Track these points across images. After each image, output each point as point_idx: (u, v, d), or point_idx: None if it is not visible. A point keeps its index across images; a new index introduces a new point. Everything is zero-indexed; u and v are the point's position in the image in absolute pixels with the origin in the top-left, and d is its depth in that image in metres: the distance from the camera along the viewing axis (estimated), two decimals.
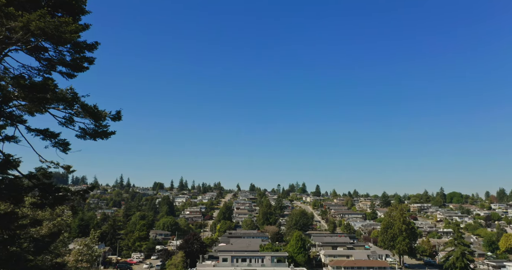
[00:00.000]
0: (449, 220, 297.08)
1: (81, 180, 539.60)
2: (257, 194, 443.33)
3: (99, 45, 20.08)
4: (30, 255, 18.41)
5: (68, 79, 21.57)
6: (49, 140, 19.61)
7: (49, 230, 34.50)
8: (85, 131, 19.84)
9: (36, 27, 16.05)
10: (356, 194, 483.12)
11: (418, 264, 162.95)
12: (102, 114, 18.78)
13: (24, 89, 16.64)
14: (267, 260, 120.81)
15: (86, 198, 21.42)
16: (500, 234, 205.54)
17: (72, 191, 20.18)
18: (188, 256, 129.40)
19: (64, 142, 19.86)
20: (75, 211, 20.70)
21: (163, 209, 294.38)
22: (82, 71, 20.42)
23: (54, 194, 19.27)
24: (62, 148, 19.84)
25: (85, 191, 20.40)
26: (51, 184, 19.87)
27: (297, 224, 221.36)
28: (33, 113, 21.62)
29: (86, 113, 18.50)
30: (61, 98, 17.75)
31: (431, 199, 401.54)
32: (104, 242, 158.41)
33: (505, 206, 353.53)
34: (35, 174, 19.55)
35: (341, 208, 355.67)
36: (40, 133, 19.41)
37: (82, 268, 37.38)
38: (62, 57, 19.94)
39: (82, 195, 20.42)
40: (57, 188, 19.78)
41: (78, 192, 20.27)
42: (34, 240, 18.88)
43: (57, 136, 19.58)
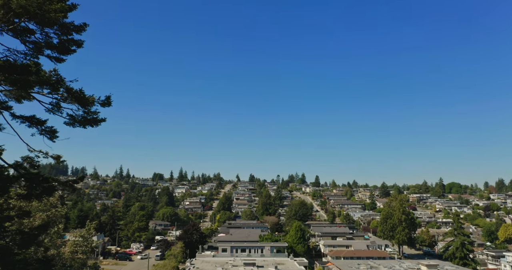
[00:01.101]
0: (448, 210, 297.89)
1: (80, 171, 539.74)
2: (257, 184, 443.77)
3: (87, 26, 18.81)
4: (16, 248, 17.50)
5: (56, 64, 20.38)
6: (36, 127, 18.53)
7: (43, 221, 33.70)
8: (74, 119, 18.72)
9: (17, 5, 14.89)
10: (355, 185, 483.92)
11: (417, 254, 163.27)
12: (90, 100, 17.66)
13: (3, 70, 15.50)
14: (267, 250, 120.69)
15: (76, 189, 20.42)
16: (499, 224, 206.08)
17: (60, 182, 19.20)
18: (187, 247, 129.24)
19: (51, 129, 18.76)
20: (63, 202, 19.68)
21: (163, 200, 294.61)
22: (70, 54, 19.16)
23: (41, 184, 18.29)
24: (49, 135, 18.75)
25: (74, 181, 19.40)
26: (38, 174, 18.86)
27: (297, 214, 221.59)
28: (20, 100, 20.51)
29: (73, 98, 17.36)
30: (45, 81, 16.59)
31: (430, 189, 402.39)
32: (103, 232, 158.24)
33: (504, 196, 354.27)
34: (21, 163, 18.55)
35: (340, 198, 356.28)
36: (26, 120, 18.30)
37: (78, 259, 36.58)
38: (48, 39, 18.76)
39: (71, 185, 19.42)
40: (45, 178, 18.77)
41: (67, 182, 19.28)
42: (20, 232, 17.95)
43: (43, 123, 18.48)
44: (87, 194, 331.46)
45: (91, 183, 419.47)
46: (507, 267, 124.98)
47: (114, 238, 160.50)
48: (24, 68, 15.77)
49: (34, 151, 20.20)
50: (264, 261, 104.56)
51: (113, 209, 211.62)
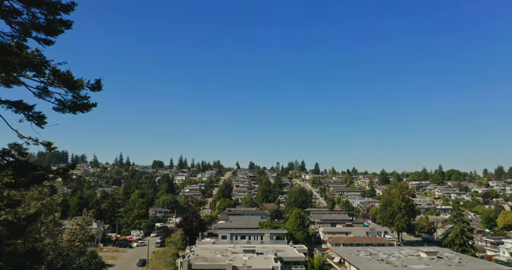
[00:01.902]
0: (447, 197, 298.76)
1: (80, 159, 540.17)
2: (257, 172, 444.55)
3: (76, 6, 17.73)
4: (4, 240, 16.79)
5: (44, 46, 19.28)
6: (23, 113, 17.59)
7: (38, 210, 33.06)
8: (63, 104, 17.77)
9: None
10: (355, 172, 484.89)
11: (416, 241, 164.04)
12: (78, 83, 16.67)
13: None
14: (266, 237, 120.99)
15: (67, 177, 19.60)
16: (498, 211, 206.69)
17: (50, 170, 18.38)
18: (187, 234, 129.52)
19: (39, 114, 17.79)
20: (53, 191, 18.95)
21: (163, 187, 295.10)
22: (58, 35, 18.06)
23: (30, 172, 17.46)
24: (37, 121, 17.83)
25: (65, 169, 18.56)
26: (26, 161, 18.00)
27: (296, 201, 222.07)
28: (8, 84, 19.53)
29: (60, 81, 16.38)
30: (27, 62, 15.58)
31: (430, 176, 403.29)
32: (103, 220, 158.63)
33: (503, 183, 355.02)
34: (8, 151, 17.69)
35: (340, 185, 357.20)
36: (12, 106, 17.33)
37: (76, 248, 36.08)
38: (35, 20, 17.69)
39: (62, 173, 18.59)
40: (34, 166, 17.93)
41: (57, 170, 18.44)
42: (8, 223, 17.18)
43: (31, 109, 17.53)
44: (87, 182, 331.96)
45: (91, 171, 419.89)
46: (506, 253, 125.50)
47: (114, 225, 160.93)
48: (3, 48, 14.74)
49: (24, 137, 19.31)
50: (264, 248, 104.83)
51: (113, 196, 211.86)
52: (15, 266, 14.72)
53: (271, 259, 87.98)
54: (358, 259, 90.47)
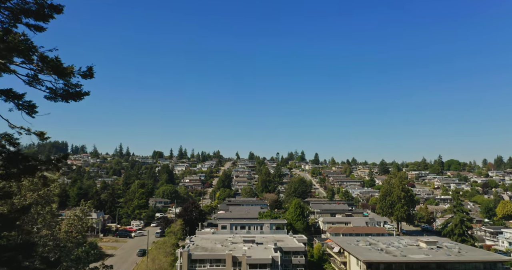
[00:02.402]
0: (446, 187, 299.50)
1: (80, 149, 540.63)
2: (256, 162, 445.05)
3: None
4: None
5: (36, 33, 18.55)
6: (13, 102, 16.96)
7: (34, 201, 32.64)
8: (55, 92, 17.11)
9: None
10: (354, 162, 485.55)
11: (415, 231, 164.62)
12: (68, 70, 15.99)
13: None
14: (266, 227, 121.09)
15: (60, 168, 19.05)
16: (497, 201, 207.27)
17: (43, 160, 17.82)
18: (187, 224, 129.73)
19: (30, 103, 17.13)
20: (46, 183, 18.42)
21: (163, 177, 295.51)
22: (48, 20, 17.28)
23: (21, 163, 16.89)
24: (28, 110, 17.19)
25: (58, 160, 17.99)
26: (17, 152, 17.42)
27: (296, 191, 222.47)
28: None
29: (49, 68, 15.71)
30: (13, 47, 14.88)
31: (429, 166, 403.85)
32: (103, 210, 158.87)
33: (502, 174, 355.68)
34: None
35: (339, 175, 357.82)
36: (1, 94, 16.68)
37: (74, 239, 35.78)
38: (25, 5, 16.94)
39: (54, 164, 18.02)
40: (25, 157, 17.35)
41: (49, 161, 17.88)
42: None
43: (21, 97, 16.86)
44: (87, 172, 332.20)
45: (91, 161, 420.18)
46: (505, 243, 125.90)
47: (114, 216, 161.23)
48: None
49: (15, 127, 18.70)
50: (264, 238, 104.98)
51: (113, 186, 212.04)
52: (5, 260, 14.29)
53: (271, 249, 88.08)
54: (358, 248, 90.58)
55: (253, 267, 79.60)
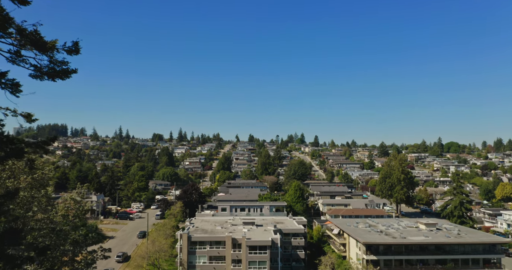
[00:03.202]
0: (445, 169, 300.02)
1: (80, 132, 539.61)
2: (256, 144, 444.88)
3: None
4: None
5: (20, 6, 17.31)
6: None
7: (29, 184, 31.90)
8: (40, 70, 16.00)
9: None
10: (354, 144, 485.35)
11: (414, 212, 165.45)
12: (49, 45, 14.86)
13: None
14: (266, 210, 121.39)
15: (48, 150, 18.09)
16: (496, 183, 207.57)
17: (29, 143, 16.87)
18: (187, 206, 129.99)
19: (13, 82, 16.02)
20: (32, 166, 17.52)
21: (163, 160, 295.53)
22: None
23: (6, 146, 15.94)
24: (11, 89, 16.12)
25: (45, 142, 17.01)
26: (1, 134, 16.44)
27: (296, 173, 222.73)
28: None
29: (27, 42, 14.55)
30: None
31: (429, 149, 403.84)
32: (103, 192, 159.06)
33: (501, 156, 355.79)
34: None
35: (339, 158, 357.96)
36: None
37: (71, 223, 35.24)
38: None
39: (41, 147, 17.07)
40: (10, 139, 16.39)
41: (36, 143, 16.93)
42: None
43: (4, 75, 15.75)
44: (87, 155, 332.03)
45: (91, 144, 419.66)
46: (504, 224, 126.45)
47: (114, 198, 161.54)
48: None
49: (1, 108, 17.66)
50: (263, 220, 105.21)
51: (113, 169, 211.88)
52: None
53: (271, 231, 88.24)
54: (357, 230, 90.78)
55: (253, 249, 79.84)
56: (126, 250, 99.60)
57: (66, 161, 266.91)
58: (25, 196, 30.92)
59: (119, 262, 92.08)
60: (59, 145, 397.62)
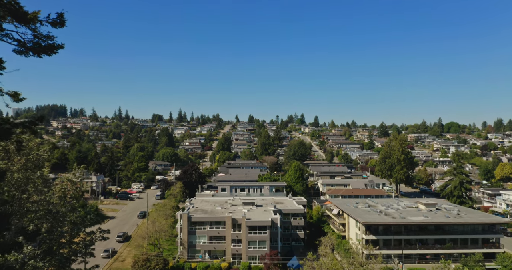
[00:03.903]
0: (445, 149, 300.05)
1: (79, 112, 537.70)
2: (256, 125, 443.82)
3: None
4: None
5: None
6: None
7: (23, 166, 31.17)
8: (24, 45, 14.94)
9: None
10: (354, 125, 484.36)
11: (414, 192, 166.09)
12: (30, 15, 13.76)
13: None
14: (266, 190, 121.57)
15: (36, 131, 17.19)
16: (496, 163, 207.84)
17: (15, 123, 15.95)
18: (187, 187, 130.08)
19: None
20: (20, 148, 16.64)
21: (162, 140, 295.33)
22: None
23: None
24: None
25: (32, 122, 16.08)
26: None
27: (296, 154, 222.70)
28: None
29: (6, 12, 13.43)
30: None
31: (429, 129, 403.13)
32: (103, 173, 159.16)
33: (501, 136, 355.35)
34: None
35: (339, 138, 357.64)
36: None
37: (68, 204, 34.73)
38: None
39: (29, 127, 16.16)
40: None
41: (23, 124, 16.01)
42: None
43: None
44: (87, 135, 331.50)
45: (90, 124, 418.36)
46: (503, 204, 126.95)
47: (115, 179, 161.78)
48: None
49: None
50: (263, 200, 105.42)
51: (112, 149, 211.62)
52: None
53: (271, 211, 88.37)
54: (357, 210, 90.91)
55: (252, 229, 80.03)
56: (126, 230, 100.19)
57: (66, 142, 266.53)
58: (20, 177, 30.25)
59: (119, 241, 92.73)
60: (58, 126, 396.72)
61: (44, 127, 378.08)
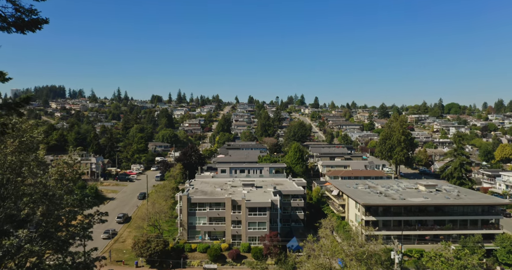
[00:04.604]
0: (445, 130, 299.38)
1: (78, 93, 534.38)
2: (256, 106, 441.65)
3: None
4: None
5: None
6: None
7: (17, 148, 30.38)
8: (5, 20, 13.84)
9: None
10: (354, 106, 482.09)
11: (413, 173, 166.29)
12: None
13: None
14: (265, 171, 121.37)
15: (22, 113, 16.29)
16: (496, 144, 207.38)
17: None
18: (186, 168, 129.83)
19: None
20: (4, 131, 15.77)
21: (162, 122, 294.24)
22: None
23: None
24: None
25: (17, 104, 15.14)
26: None
27: (295, 135, 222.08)
28: None
29: None
30: None
31: (429, 110, 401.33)
32: (103, 154, 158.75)
33: (502, 117, 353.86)
34: None
35: (339, 119, 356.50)
36: None
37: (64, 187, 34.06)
38: None
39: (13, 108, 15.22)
40: None
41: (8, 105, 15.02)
42: None
43: None
44: (86, 117, 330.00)
45: (89, 106, 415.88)
46: (502, 185, 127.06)
47: (114, 160, 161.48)
48: None
49: None
50: (263, 182, 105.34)
51: (112, 131, 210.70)
52: None
53: (270, 193, 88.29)
54: (357, 192, 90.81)
55: (252, 211, 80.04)
56: (126, 211, 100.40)
57: (65, 123, 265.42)
58: (13, 160, 29.49)
59: (120, 223, 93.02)
60: (57, 107, 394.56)
61: (43, 108, 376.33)
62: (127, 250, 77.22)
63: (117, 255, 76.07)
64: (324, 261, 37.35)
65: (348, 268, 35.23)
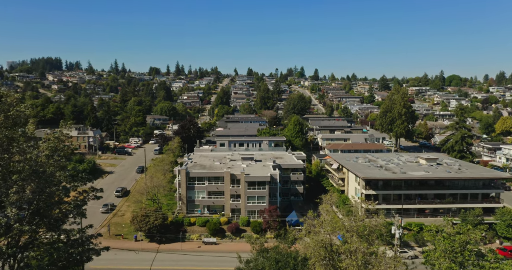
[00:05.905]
0: (446, 103, 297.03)
1: (75, 66, 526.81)
2: (255, 78, 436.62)
3: None
4: None
5: None
6: None
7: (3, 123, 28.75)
8: None
9: None
10: (354, 78, 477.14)
11: (413, 146, 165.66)
12: None
13: None
14: (265, 144, 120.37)
15: None
16: (497, 117, 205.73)
17: None
18: (185, 141, 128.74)
19: None
20: None
21: (160, 94, 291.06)
22: None
23: None
24: None
25: None
26: None
27: (295, 108, 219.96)
28: None
29: None
30: None
31: (430, 82, 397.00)
32: (100, 127, 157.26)
33: (503, 89, 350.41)
34: None
35: (339, 91, 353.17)
36: None
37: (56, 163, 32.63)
38: None
39: None
40: None
41: None
42: None
43: None
44: (83, 89, 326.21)
45: (86, 78, 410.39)
46: (502, 159, 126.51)
47: (112, 133, 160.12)
48: None
49: None
50: (262, 155, 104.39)
51: (109, 103, 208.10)
52: None
53: (270, 166, 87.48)
54: (357, 165, 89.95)
55: (251, 185, 79.45)
56: (125, 185, 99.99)
57: (63, 96, 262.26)
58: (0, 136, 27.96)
59: (118, 196, 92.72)
60: (54, 79, 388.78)
61: (40, 81, 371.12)
62: (126, 224, 77.10)
63: (116, 229, 76.00)
64: (324, 237, 36.52)
65: (349, 243, 34.37)
